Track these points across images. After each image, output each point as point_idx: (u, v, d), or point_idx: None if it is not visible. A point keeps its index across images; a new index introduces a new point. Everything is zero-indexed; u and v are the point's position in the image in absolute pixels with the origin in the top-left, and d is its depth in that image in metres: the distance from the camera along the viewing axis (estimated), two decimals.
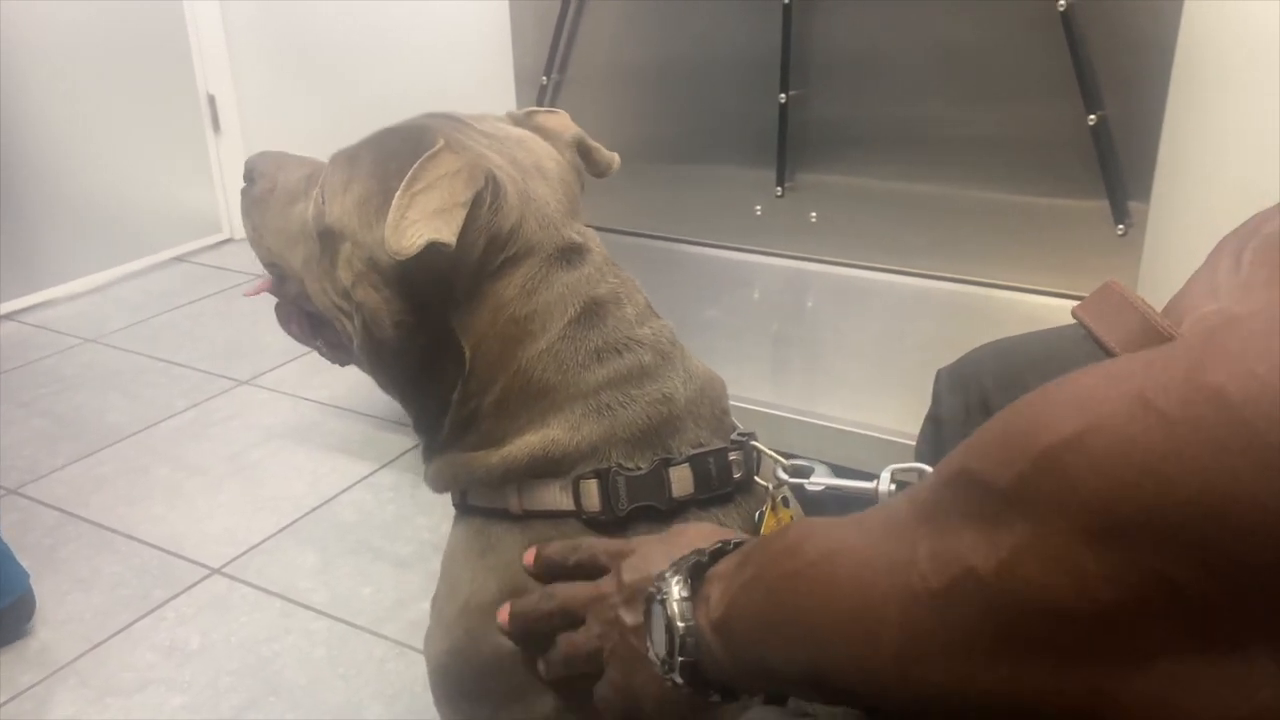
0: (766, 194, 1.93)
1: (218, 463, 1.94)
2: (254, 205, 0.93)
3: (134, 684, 1.43)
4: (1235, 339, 0.33)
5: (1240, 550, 0.31)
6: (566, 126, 0.90)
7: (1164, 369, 0.34)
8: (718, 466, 0.78)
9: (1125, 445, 0.33)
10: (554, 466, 0.77)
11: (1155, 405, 0.33)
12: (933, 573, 0.39)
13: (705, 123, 1.98)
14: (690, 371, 0.82)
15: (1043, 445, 0.36)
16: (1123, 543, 0.33)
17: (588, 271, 0.80)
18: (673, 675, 0.58)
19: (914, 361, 1.39)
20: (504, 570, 0.78)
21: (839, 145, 1.87)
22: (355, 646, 1.47)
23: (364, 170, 0.81)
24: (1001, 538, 0.37)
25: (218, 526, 1.77)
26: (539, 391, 0.77)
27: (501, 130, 0.86)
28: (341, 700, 1.39)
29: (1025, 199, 1.74)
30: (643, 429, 0.77)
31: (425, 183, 0.73)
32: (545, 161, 0.84)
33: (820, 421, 1.43)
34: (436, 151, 0.75)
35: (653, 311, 0.84)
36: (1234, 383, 0.31)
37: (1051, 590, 0.35)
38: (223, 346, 2.40)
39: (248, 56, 2.87)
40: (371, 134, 0.85)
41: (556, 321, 0.77)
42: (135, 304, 2.64)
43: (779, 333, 1.79)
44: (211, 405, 2.16)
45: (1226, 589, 0.32)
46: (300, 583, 1.61)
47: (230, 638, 1.51)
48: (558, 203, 0.81)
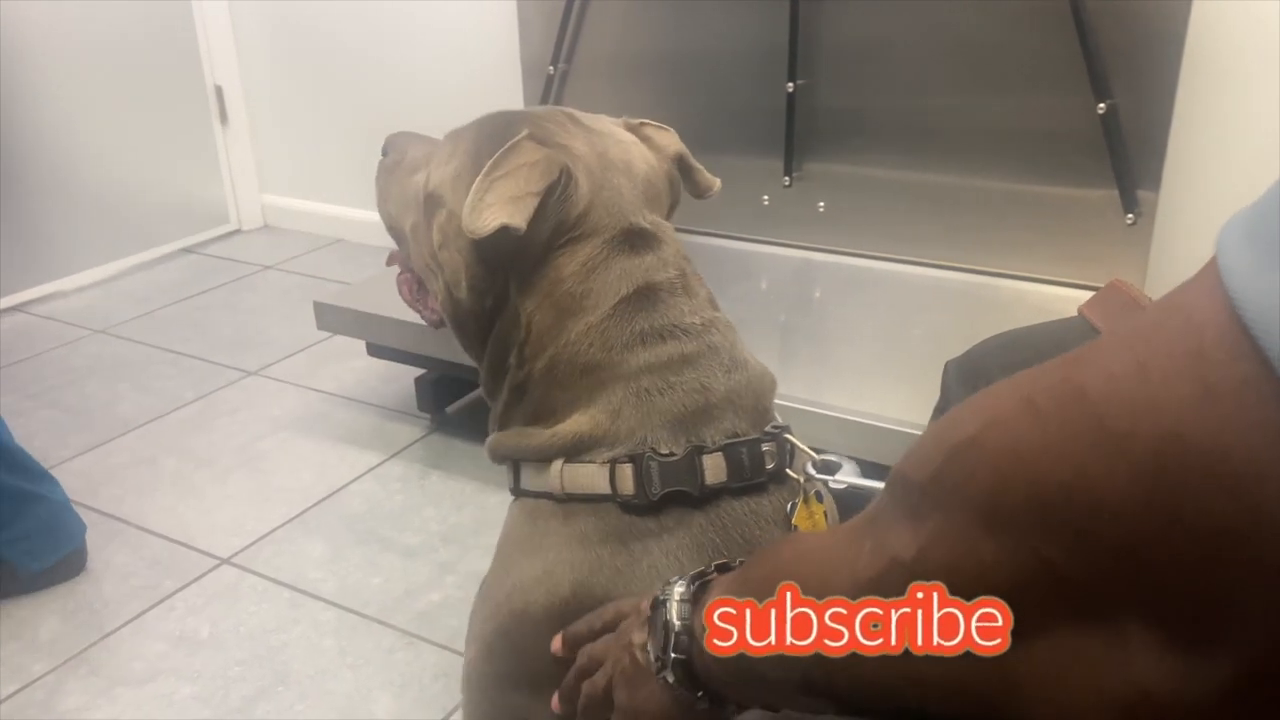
0: (774, 184, 1.93)
1: (226, 453, 1.95)
2: (383, 174, 1.02)
3: (144, 674, 1.44)
4: (1104, 344, 0.37)
5: (1101, 531, 0.34)
6: (671, 143, 0.97)
7: (1049, 372, 0.38)
8: (750, 456, 0.81)
9: (1012, 441, 0.37)
10: (594, 447, 0.81)
11: (1036, 404, 0.37)
12: (870, 564, 0.44)
13: (713, 112, 1.97)
14: (736, 362, 0.85)
15: (952, 443, 0.40)
16: (1010, 529, 0.37)
17: (650, 259, 0.85)
18: (665, 673, 0.60)
19: (922, 352, 1.38)
20: (545, 555, 0.82)
21: (847, 135, 1.86)
22: (364, 636, 1.48)
23: (464, 147, 0.89)
24: (920, 528, 0.41)
25: (227, 517, 1.77)
26: (585, 367, 0.82)
27: (607, 128, 0.92)
28: (350, 690, 1.39)
29: (1034, 188, 1.73)
30: (678, 415, 0.80)
31: (505, 170, 0.80)
32: (637, 162, 0.90)
33: (828, 412, 1.42)
34: (518, 142, 0.82)
35: (712, 305, 0.88)
36: (1093, 381, 0.35)
37: (957, 574, 0.39)
38: (231, 337, 2.41)
39: (255, 49, 2.87)
40: (482, 116, 0.93)
41: (608, 300, 0.82)
42: (143, 295, 2.65)
43: (787, 323, 1.79)
44: (220, 396, 2.17)
45: (1096, 567, 0.35)
46: (309, 573, 1.62)
47: (239, 628, 1.51)
48: (634, 195, 0.87)
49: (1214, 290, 0.33)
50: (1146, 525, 0.33)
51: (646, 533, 0.79)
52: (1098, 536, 0.35)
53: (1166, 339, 0.34)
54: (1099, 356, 0.36)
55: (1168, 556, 0.33)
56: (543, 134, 0.85)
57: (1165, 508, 0.33)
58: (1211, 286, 0.33)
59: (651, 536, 0.79)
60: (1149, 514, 0.33)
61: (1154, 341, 0.35)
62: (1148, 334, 0.35)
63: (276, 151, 2.98)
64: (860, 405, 1.43)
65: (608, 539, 0.80)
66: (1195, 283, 0.35)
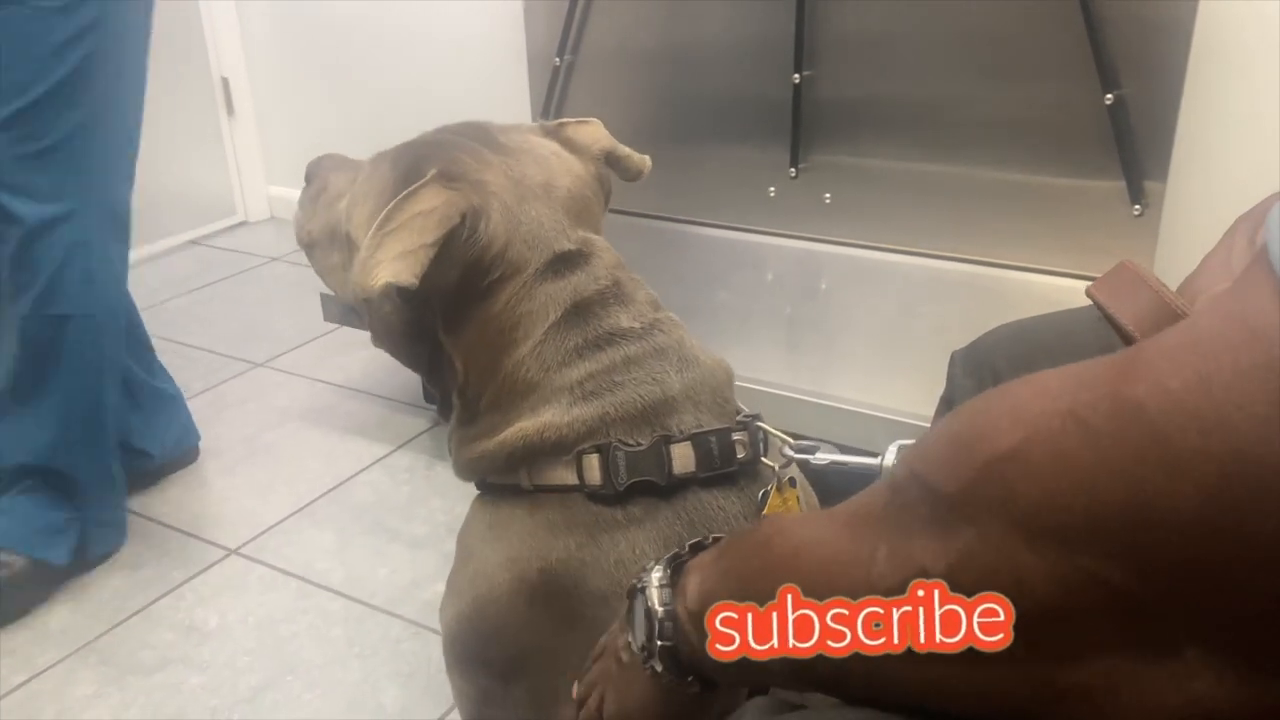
0: (780, 175, 1.93)
1: (234, 444, 1.95)
2: (305, 202, 0.99)
3: (154, 663, 1.45)
4: (1154, 356, 0.35)
5: (1162, 552, 0.34)
6: (596, 139, 0.93)
7: (1092, 385, 0.37)
8: (720, 445, 0.79)
9: (1058, 457, 0.36)
10: (556, 447, 0.79)
11: (1084, 419, 0.36)
12: (890, 572, 0.42)
13: (718, 103, 1.97)
14: (687, 359, 0.83)
15: (986, 456, 0.39)
16: (1059, 547, 0.36)
17: (579, 278, 0.82)
18: (652, 663, 0.59)
19: (928, 343, 1.38)
20: (510, 541, 0.81)
21: (853, 126, 1.86)
22: (371, 626, 1.48)
23: (377, 186, 0.86)
24: (950, 542, 0.40)
25: (235, 507, 1.78)
26: (524, 390, 0.81)
27: (524, 144, 0.89)
28: (358, 679, 1.40)
29: (1041, 179, 1.72)
30: (639, 409, 0.79)
31: (398, 221, 0.78)
32: (559, 178, 0.87)
33: (833, 403, 1.42)
34: (418, 188, 0.80)
35: (654, 307, 0.86)
36: (1151, 397, 0.34)
37: (995, 589, 0.38)
38: (238, 329, 2.41)
39: (261, 40, 2.87)
40: (401, 145, 0.90)
41: (539, 328, 0.81)
42: (151, 287, 2.65)
43: (792, 315, 1.79)
44: (227, 388, 2.17)
45: (1154, 588, 0.34)
46: (317, 563, 1.63)
47: (248, 617, 1.52)
48: (556, 219, 0.84)
49: (1273, 294, 0.32)
50: (1211, 545, 0.32)
51: (614, 524, 0.78)
52: (1158, 555, 0.34)
53: (1230, 351, 0.33)
54: (1150, 370, 0.35)
55: (1232, 577, 0.32)
56: (456, 169, 0.83)
57: (1231, 527, 0.32)
58: (1269, 290, 0.32)
59: (619, 529, 0.78)
60: (1214, 533, 0.32)
61: (1215, 354, 0.33)
62: (1205, 345, 0.34)
63: (283, 143, 2.98)
64: (866, 397, 1.43)
65: (575, 528, 0.79)
66: (1247, 285, 0.34)
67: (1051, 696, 0.38)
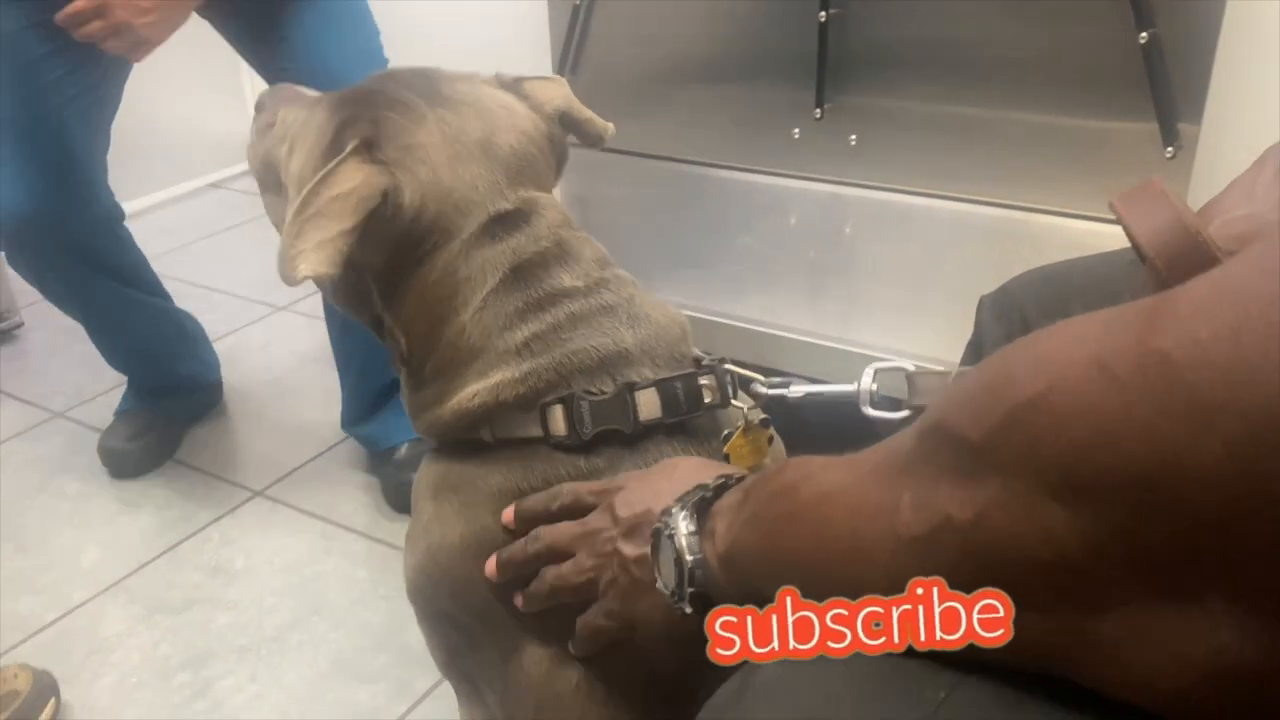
0: (805, 116, 1.89)
1: (258, 387, 1.97)
2: (256, 135, 0.95)
3: (181, 602, 1.47)
4: (1183, 305, 0.35)
5: (1189, 504, 0.33)
6: (553, 98, 0.89)
7: (1120, 333, 0.36)
8: (686, 390, 0.77)
9: (1084, 407, 0.36)
10: (520, 401, 0.77)
11: (1110, 369, 0.35)
12: (915, 520, 0.42)
13: (741, 43, 1.93)
14: (638, 316, 0.80)
15: (1010, 404, 0.38)
16: (1085, 498, 0.36)
17: (518, 239, 0.79)
18: (682, 605, 0.60)
19: (956, 288, 1.36)
20: (464, 492, 0.80)
21: (880, 66, 1.82)
22: (395, 568, 1.48)
23: (311, 138, 0.83)
24: (976, 490, 0.39)
25: (259, 450, 1.80)
26: (468, 356, 0.79)
27: (471, 95, 0.84)
28: (383, 620, 1.42)
29: (1072, 121, 1.69)
30: (596, 360, 0.77)
31: (315, 208, 0.75)
32: (501, 134, 0.82)
33: (859, 349, 1.41)
34: (334, 167, 0.76)
35: (601, 265, 0.82)
36: (1179, 348, 0.34)
37: (1021, 540, 0.38)
38: (259, 272, 2.41)
39: None
40: (344, 92, 0.86)
41: (477, 294, 0.78)
42: (171, 230, 2.66)
43: (816, 259, 1.77)
44: (250, 331, 2.18)
45: (1180, 541, 0.34)
46: (341, 505, 1.64)
47: (274, 559, 1.54)
48: (492, 179, 0.80)
49: None
50: (1237, 499, 0.32)
51: (576, 474, 0.76)
52: (1184, 508, 0.33)
53: (1261, 303, 0.32)
54: (1179, 320, 0.34)
55: (1258, 531, 0.32)
56: (383, 133, 0.79)
57: (1258, 482, 0.32)
58: None
59: (581, 479, 0.76)
60: (1240, 488, 0.32)
61: (1246, 306, 0.33)
62: (1235, 296, 0.34)
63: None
64: (891, 342, 1.42)
65: (533, 479, 0.77)
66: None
67: (1082, 646, 0.38)
